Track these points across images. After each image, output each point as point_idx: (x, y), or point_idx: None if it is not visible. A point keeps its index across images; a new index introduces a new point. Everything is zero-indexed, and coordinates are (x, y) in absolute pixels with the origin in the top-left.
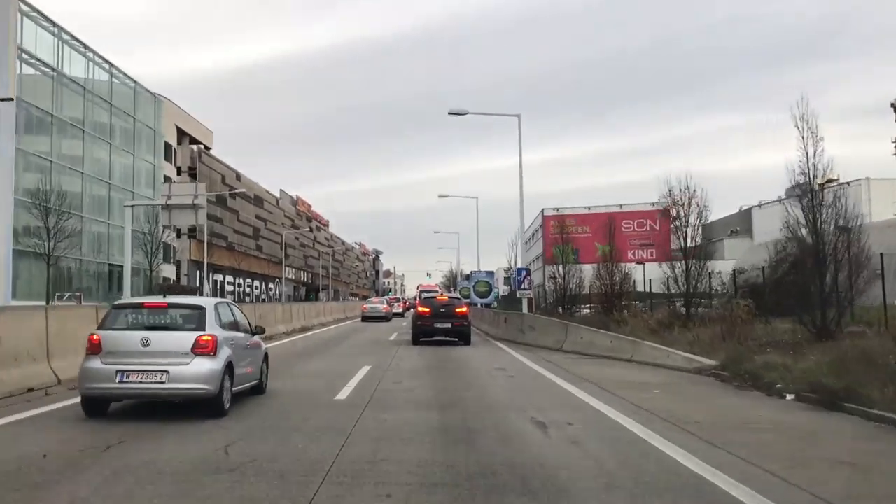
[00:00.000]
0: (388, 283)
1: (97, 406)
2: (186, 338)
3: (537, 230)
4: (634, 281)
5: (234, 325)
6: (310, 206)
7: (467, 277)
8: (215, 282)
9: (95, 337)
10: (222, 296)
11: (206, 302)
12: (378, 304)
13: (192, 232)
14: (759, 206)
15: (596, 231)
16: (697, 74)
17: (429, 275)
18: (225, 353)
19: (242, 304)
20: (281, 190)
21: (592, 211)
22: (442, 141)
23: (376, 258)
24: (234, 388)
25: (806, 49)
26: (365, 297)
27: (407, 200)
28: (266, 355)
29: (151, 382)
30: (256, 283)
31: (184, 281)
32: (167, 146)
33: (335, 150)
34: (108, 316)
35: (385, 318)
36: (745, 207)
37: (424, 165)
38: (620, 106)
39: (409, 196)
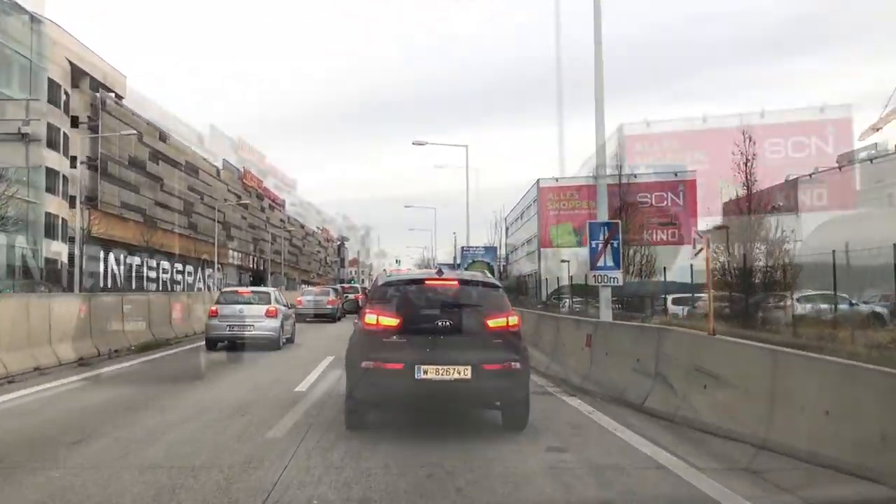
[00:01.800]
0: (353, 272)
1: (214, 344)
2: (262, 308)
3: (529, 206)
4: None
5: (282, 302)
6: (260, 181)
7: (452, 266)
8: (130, 266)
9: (214, 308)
10: (140, 284)
11: (271, 290)
12: (321, 296)
13: (93, 200)
14: (811, 175)
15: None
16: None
17: (398, 261)
18: (280, 317)
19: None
20: (224, 160)
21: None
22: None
23: (341, 245)
24: (283, 337)
25: None
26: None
27: (379, 190)
28: (294, 321)
29: (245, 331)
30: (189, 268)
31: (79, 263)
32: (53, 85)
33: (303, 139)
34: (220, 297)
35: (330, 316)
36: (791, 177)
37: (401, 153)
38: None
39: (380, 186)
